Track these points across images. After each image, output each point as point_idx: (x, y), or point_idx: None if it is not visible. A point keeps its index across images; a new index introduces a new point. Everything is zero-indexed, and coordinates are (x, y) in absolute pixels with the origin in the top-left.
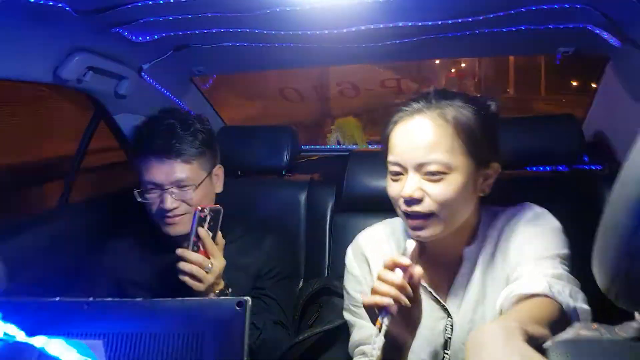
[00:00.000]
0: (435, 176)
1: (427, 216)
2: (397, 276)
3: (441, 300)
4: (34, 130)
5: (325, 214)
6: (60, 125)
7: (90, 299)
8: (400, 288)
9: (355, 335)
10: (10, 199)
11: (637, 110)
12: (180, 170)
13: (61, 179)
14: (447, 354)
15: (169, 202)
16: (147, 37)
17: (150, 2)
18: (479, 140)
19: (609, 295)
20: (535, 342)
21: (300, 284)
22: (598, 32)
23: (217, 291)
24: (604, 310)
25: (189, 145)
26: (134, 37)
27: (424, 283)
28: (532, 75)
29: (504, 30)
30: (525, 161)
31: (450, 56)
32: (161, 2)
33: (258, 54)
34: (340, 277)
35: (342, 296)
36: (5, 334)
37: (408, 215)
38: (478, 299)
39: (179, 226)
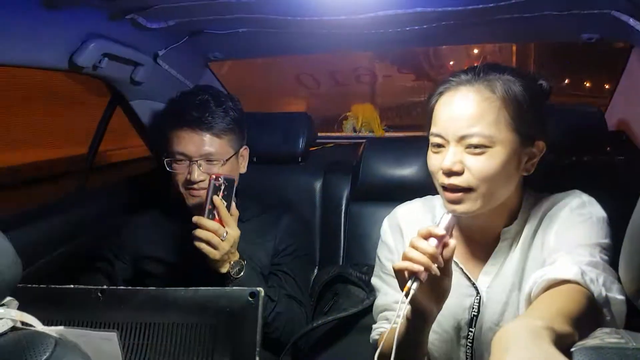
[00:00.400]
0: (477, 149)
1: (466, 190)
2: (430, 245)
3: (471, 277)
4: None
5: (340, 202)
6: None
7: (105, 287)
8: (432, 257)
9: (380, 300)
10: None
11: None
12: (210, 143)
13: None
14: (471, 331)
15: (197, 174)
16: (162, 24)
17: None
18: (526, 116)
19: (636, 298)
20: (564, 342)
21: (315, 271)
22: (624, 18)
23: (232, 262)
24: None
25: (220, 120)
26: (149, 24)
27: (455, 258)
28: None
29: (526, 15)
30: (548, 152)
31: (471, 42)
32: None
33: (273, 40)
34: (356, 264)
35: (357, 284)
36: (22, 322)
37: (445, 189)
38: (514, 281)
39: (202, 199)
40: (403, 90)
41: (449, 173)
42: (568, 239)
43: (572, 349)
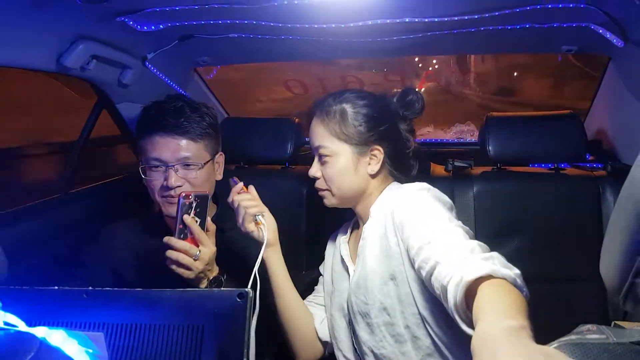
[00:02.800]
0: (322, 158)
1: (324, 190)
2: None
3: (347, 262)
4: None
5: (326, 207)
6: None
7: (90, 288)
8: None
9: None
10: None
11: (639, 110)
12: (187, 147)
13: None
14: (348, 308)
15: (174, 179)
16: (152, 27)
17: None
18: (356, 129)
19: (616, 298)
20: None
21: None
22: (601, 31)
23: (211, 277)
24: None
25: (196, 124)
26: (138, 27)
27: (342, 252)
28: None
29: (509, 27)
30: (527, 158)
31: (455, 52)
32: None
33: (263, 46)
34: None
35: None
36: (5, 323)
37: (316, 189)
38: (374, 257)
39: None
40: None
41: (313, 178)
42: (418, 225)
43: (554, 345)
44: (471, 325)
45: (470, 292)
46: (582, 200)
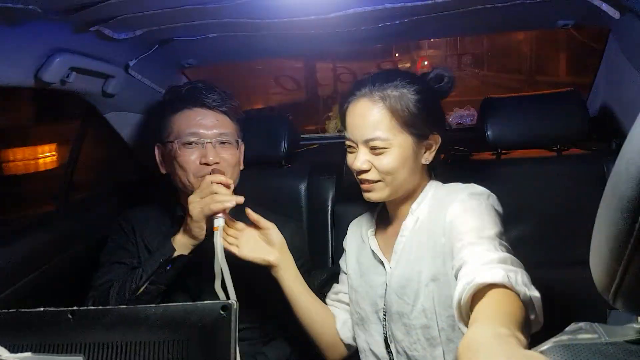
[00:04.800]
0: (377, 150)
1: (375, 182)
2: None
3: (382, 258)
4: None
5: (326, 204)
6: None
7: (74, 307)
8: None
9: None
10: None
11: None
12: (224, 124)
13: None
14: (385, 305)
15: (212, 154)
16: (130, 34)
17: None
18: (416, 118)
19: (606, 295)
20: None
21: None
22: (597, 3)
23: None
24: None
25: (230, 102)
26: (115, 35)
27: (373, 247)
28: None
29: (499, 5)
30: (528, 141)
31: (445, 35)
32: None
33: (246, 44)
34: None
35: None
36: None
37: (361, 182)
38: (415, 258)
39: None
40: None
41: (359, 172)
42: (464, 228)
43: (544, 347)
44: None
45: (479, 295)
46: (586, 181)
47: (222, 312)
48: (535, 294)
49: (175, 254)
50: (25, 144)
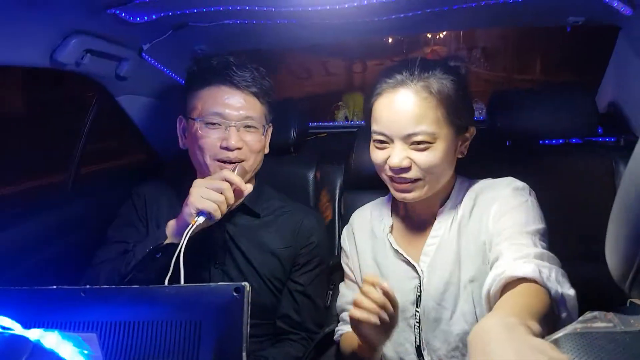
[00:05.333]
0: (421, 145)
1: (414, 181)
2: (379, 294)
3: (412, 262)
4: None
5: (334, 192)
6: None
7: (87, 286)
8: (381, 305)
9: (338, 301)
10: None
11: None
12: (251, 106)
13: None
14: (417, 311)
15: (235, 138)
16: (145, 18)
17: None
18: (459, 109)
19: (623, 285)
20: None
21: None
22: (607, 1)
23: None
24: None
25: (261, 82)
26: (131, 18)
27: (396, 247)
28: None
29: (511, 1)
30: (537, 134)
31: (457, 28)
32: None
33: (259, 31)
34: None
35: None
36: (0, 326)
37: (394, 180)
38: (453, 260)
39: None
40: None
41: (399, 169)
42: (507, 223)
43: (559, 335)
44: None
45: (508, 288)
46: (595, 176)
47: (235, 294)
48: (570, 292)
49: (168, 240)
50: None
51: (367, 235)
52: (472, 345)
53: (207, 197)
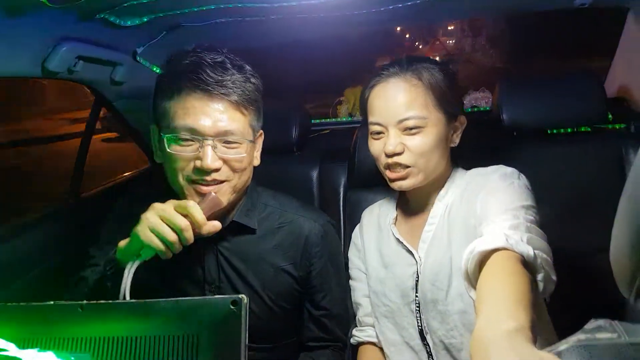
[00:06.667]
0: (413, 130)
1: (407, 168)
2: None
3: (410, 248)
4: None
5: (338, 190)
6: None
7: (84, 301)
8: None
9: (353, 297)
10: None
11: None
12: (231, 116)
13: None
14: (417, 295)
15: (211, 158)
16: (137, 21)
17: None
18: (448, 96)
19: (628, 294)
20: (533, 332)
21: None
22: None
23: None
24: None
25: (243, 86)
26: (122, 22)
27: (397, 236)
28: None
29: None
30: (545, 123)
31: (460, 17)
32: None
33: (255, 29)
34: None
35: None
36: None
37: (389, 169)
38: (445, 244)
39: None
40: None
41: (392, 154)
42: (492, 205)
43: (561, 348)
44: None
45: (484, 262)
46: (605, 164)
47: (232, 307)
48: (543, 255)
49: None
50: None
51: (374, 228)
52: (474, 357)
53: (157, 231)
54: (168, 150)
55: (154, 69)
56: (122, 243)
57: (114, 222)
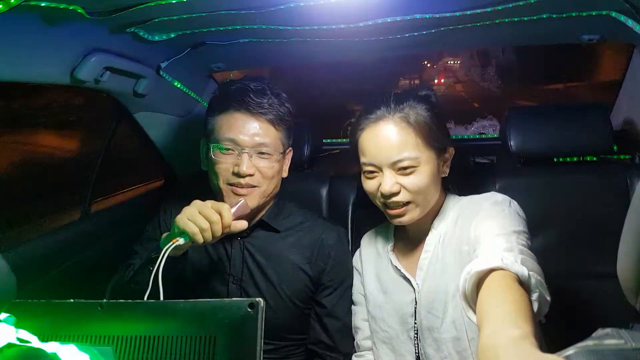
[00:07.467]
0: (407, 170)
1: (405, 204)
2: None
3: (408, 276)
4: None
5: (347, 209)
6: None
7: (104, 300)
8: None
9: (353, 319)
10: None
11: None
12: (265, 133)
13: None
14: (415, 323)
15: (246, 165)
16: (164, 36)
17: (162, 2)
18: (435, 133)
19: (633, 301)
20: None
21: None
22: (622, 19)
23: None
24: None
25: (278, 108)
26: (150, 37)
27: (395, 263)
28: None
29: (525, 19)
30: (552, 151)
31: (470, 47)
32: (174, 1)
33: (275, 50)
34: None
35: None
36: (18, 339)
37: (387, 206)
38: (440, 271)
39: (248, 199)
40: None
41: (390, 195)
42: (485, 230)
43: (569, 352)
44: None
45: (481, 283)
46: (610, 194)
47: (249, 310)
48: (536, 275)
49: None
50: None
51: (373, 254)
52: None
53: (193, 220)
54: (213, 157)
55: (176, 84)
56: (165, 234)
57: (156, 223)
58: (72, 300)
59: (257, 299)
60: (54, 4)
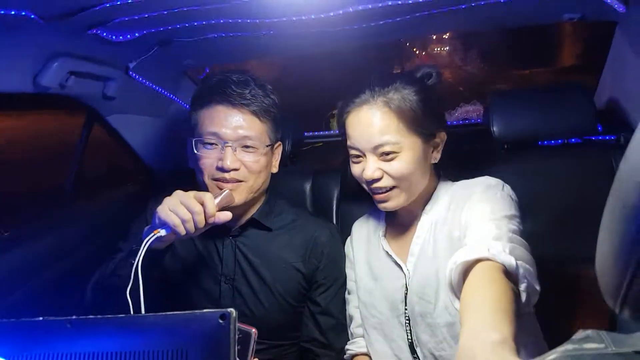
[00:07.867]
0: (389, 155)
1: (390, 190)
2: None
3: (399, 262)
4: None
5: (331, 203)
6: None
7: (74, 317)
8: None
9: (347, 308)
10: None
11: None
12: (249, 125)
13: None
14: (406, 309)
15: (230, 160)
16: (128, 36)
17: (119, 2)
18: (421, 119)
19: (613, 304)
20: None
21: None
22: None
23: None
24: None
25: (262, 100)
26: (114, 37)
27: (386, 249)
28: None
29: (502, 0)
30: (535, 135)
31: (448, 30)
32: (129, 0)
33: (245, 44)
34: None
35: None
36: None
37: (372, 191)
38: (432, 256)
39: (234, 195)
40: None
41: (372, 181)
42: (476, 215)
43: (550, 357)
44: None
45: (467, 272)
46: (595, 176)
47: (220, 321)
48: (526, 265)
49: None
50: None
51: (364, 240)
52: None
53: (175, 210)
54: (196, 152)
55: (146, 83)
56: (147, 227)
57: (142, 220)
58: (40, 319)
59: (229, 310)
60: (2, 11)
